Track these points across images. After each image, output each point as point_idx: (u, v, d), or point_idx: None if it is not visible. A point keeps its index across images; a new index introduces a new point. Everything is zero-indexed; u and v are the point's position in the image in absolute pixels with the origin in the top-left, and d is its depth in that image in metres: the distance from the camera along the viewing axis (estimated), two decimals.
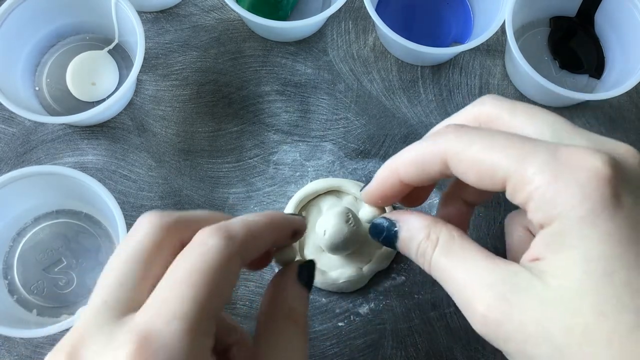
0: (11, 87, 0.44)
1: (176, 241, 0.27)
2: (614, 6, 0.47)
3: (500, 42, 0.49)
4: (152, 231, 0.27)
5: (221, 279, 0.25)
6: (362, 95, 0.48)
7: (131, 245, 0.27)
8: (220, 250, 0.26)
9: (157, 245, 0.27)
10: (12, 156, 0.46)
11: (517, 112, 0.28)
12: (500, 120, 0.28)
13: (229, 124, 0.47)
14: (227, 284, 0.26)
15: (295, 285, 0.30)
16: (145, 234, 0.27)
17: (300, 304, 0.30)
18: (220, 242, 0.26)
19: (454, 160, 0.27)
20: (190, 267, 0.25)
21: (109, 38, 0.48)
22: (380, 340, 0.43)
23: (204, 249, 0.26)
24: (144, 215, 0.28)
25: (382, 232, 0.31)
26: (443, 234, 0.28)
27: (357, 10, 0.50)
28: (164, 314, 0.24)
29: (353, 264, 0.43)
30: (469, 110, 0.30)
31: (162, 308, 0.24)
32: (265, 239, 0.29)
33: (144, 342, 0.23)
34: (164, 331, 0.23)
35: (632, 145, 0.46)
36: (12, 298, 0.43)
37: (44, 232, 0.45)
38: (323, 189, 0.45)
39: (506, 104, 0.29)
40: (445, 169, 0.28)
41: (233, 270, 0.26)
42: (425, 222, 0.29)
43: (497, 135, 0.26)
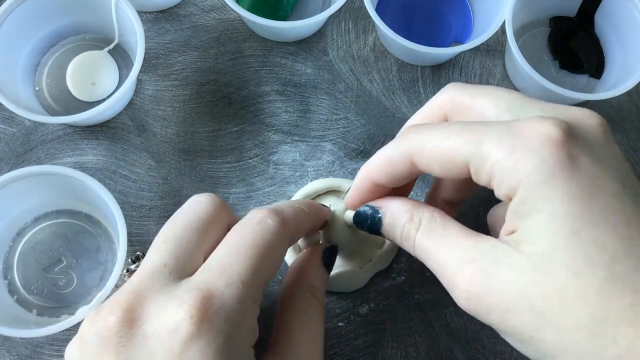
0: (11, 87, 0.44)
1: (226, 221, 0.30)
2: (614, 6, 0.47)
3: (500, 42, 0.49)
4: (210, 206, 0.30)
5: (274, 256, 0.28)
6: (362, 95, 0.48)
7: (190, 216, 0.29)
8: (277, 231, 0.28)
9: (213, 219, 0.29)
10: (12, 156, 0.46)
11: (477, 94, 0.29)
12: (463, 105, 0.30)
13: (229, 124, 0.47)
14: (276, 261, 0.28)
15: (319, 266, 0.33)
16: (204, 208, 0.29)
17: (320, 283, 0.33)
18: (277, 224, 0.28)
19: (417, 156, 0.28)
20: (252, 241, 0.27)
21: (109, 38, 0.48)
22: (380, 340, 0.43)
23: (264, 226, 0.28)
24: (199, 195, 0.31)
25: (367, 219, 0.32)
26: (425, 215, 0.29)
27: (357, 10, 0.50)
28: (227, 277, 0.26)
29: (353, 264, 0.43)
30: (433, 101, 0.31)
31: (225, 271, 0.26)
32: (307, 226, 0.32)
33: (205, 301, 0.25)
34: (226, 293, 0.25)
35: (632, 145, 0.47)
36: (12, 298, 0.43)
37: (44, 232, 0.45)
38: (323, 189, 0.45)
39: (467, 88, 0.30)
40: (413, 167, 0.29)
41: (282, 251, 0.29)
42: (407, 205, 0.30)
43: (453, 125, 0.28)
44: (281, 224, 0.29)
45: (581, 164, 0.25)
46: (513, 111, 0.28)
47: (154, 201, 0.46)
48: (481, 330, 0.44)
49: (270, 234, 0.28)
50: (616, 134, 0.48)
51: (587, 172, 0.25)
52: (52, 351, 0.42)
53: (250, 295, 0.26)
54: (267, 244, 0.28)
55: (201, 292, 0.25)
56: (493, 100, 0.28)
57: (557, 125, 0.25)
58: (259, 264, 0.27)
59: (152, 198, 0.46)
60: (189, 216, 0.29)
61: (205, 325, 0.24)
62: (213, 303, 0.25)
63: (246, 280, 0.26)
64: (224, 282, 0.26)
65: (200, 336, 0.24)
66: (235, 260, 0.27)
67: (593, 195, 0.24)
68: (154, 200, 0.46)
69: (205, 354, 0.24)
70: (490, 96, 0.29)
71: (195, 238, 0.28)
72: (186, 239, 0.28)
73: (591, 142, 0.26)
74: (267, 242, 0.28)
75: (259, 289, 0.27)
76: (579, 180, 0.24)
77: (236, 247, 0.27)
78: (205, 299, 0.25)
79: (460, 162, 0.27)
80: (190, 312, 0.24)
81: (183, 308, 0.24)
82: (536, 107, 0.28)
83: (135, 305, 0.25)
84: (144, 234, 0.45)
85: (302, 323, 0.30)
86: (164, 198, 0.46)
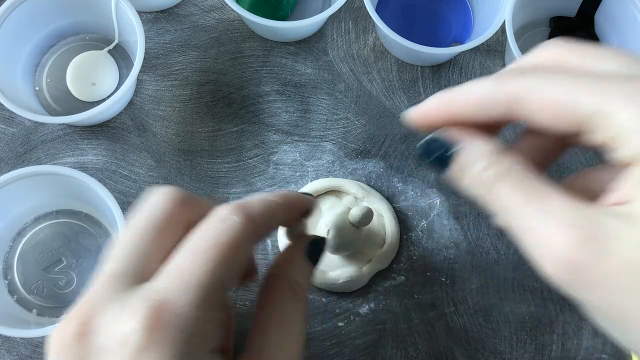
0: (11, 87, 0.44)
1: (187, 217, 0.27)
2: (614, 6, 0.47)
3: (500, 42, 0.49)
4: (166, 204, 0.27)
5: (237, 256, 0.26)
6: (362, 95, 0.48)
7: (145, 217, 0.27)
8: (241, 229, 0.26)
9: (170, 218, 0.27)
10: (12, 156, 0.46)
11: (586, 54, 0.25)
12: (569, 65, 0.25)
13: (229, 124, 0.47)
14: (241, 261, 0.26)
15: (302, 260, 0.31)
16: (159, 207, 0.27)
17: (303, 278, 0.30)
18: (241, 222, 0.26)
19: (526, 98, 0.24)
20: (211, 241, 0.25)
21: (109, 38, 0.48)
22: (380, 340, 0.43)
23: (226, 225, 0.26)
24: (156, 188, 0.28)
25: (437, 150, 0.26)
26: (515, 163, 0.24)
27: (357, 10, 0.50)
28: (182, 284, 0.24)
29: (353, 264, 0.43)
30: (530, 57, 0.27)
31: (180, 277, 0.24)
32: (279, 219, 0.30)
33: (159, 310, 0.23)
34: (182, 300, 0.24)
35: None
36: (12, 298, 0.43)
37: (44, 232, 0.45)
38: (323, 189, 0.45)
39: (574, 45, 0.26)
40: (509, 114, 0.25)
41: (248, 250, 0.27)
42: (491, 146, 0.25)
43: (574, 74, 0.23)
44: (248, 221, 0.26)
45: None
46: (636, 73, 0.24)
47: None
48: (481, 330, 0.44)
49: (234, 233, 0.26)
50: None
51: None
52: None
53: (210, 300, 0.24)
54: (230, 244, 0.25)
55: (155, 301, 0.23)
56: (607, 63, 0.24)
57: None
58: (221, 266, 0.25)
59: None
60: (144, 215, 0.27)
61: (158, 335, 0.23)
62: (167, 311, 0.23)
63: (205, 285, 0.24)
64: (180, 288, 0.24)
65: (151, 348, 0.23)
66: (195, 263, 0.25)
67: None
68: None
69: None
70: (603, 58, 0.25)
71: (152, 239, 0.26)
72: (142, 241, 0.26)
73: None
74: (230, 242, 0.26)
75: (221, 292, 0.25)
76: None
77: (196, 249, 0.25)
78: (159, 308, 0.23)
79: (579, 115, 0.23)
80: (141, 323, 0.23)
81: (134, 318, 0.23)
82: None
83: (89, 316, 0.24)
84: None
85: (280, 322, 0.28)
86: None
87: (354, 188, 0.44)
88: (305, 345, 0.30)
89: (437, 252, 0.45)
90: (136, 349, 0.23)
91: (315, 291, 0.44)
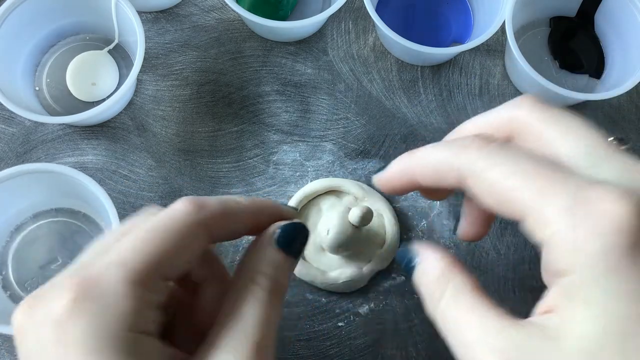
0: (11, 87, 0.44)
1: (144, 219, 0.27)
2: (614, 6, 0.47)
3: (500, 42, 0.49)
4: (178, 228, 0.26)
5: (179, 241, 0.25)
6: (362, 95, 0.48)
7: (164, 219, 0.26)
8: (185, 215, 0.26)
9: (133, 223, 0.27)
10: (12, 156, 0.46)
11: (552, 122, 0.26)
12: (534, 130, 0.26)
13: (229, 124, 0.47)
14: (185, 249, 0.26)
15: (267, 247, 0.28)
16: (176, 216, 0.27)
17: (269, 267, 0.28)
18: (187, 209, 0.26)
19: (471, 179, 0.25)
20: (150, 226, 0.26)
21: (109, 38, 0.48)
22: (380, 340, 0.43)
23: (170, 212, 0.26)
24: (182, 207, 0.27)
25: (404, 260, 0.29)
26: (456, 281, 0.26)
27: (357, 10, 0.50)
28: (108, 261, 0.25)
29: (353, 264, 0.43)
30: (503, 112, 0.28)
31: (109, 255, 0.25)
32: (242, 220, 0.28)
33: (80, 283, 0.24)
34: (102, 275, 0.24)
35: (632, 145, 0.46)
36: (5, 294, 0.43)
37: (41, 230, 0.45)
38: (323, 189, 0.45)
39: (542, 112, 0.27)
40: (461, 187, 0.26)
41: (195, 238, 0.26)
42: (442, 263, 0.27)
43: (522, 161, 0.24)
44: (195, 208, 0.26)
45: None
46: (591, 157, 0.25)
47: (154, 201, 0.46)
48: None
49: (175, 218, 0.26)
50: (616, 134, 0.48)
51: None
52: None
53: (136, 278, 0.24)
54: (168, 228, 0.25)
55: (78, 276, 0.24)
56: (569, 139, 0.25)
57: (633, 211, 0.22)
58: (153, 248, 0.25)
59: (152, 198, 0.46)
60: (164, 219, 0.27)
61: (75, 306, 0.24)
62: (87, 284, 0.24)
63: (129, 263, 0.24)
64: (105, 264, 0.25)
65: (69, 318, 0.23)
66: (125, 243, 0.25)
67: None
68: (154, 200, 0.46)
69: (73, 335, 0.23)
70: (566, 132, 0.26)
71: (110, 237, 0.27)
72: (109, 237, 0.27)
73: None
74: (168, 226, 0.25)
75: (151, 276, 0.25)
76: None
77: (132, 233, 0.26)
78: (81, 281, 0.24)
79: (517, 210, 0.24)
80: (64, 296, 0.24)
81: (61, 292, 0.24)
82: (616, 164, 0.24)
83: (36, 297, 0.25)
84: None
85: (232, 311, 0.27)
86: (164, 198, 0.46)
87: (354, 188, 0.44)
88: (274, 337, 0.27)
89: None
90: (59, 319, 0.24)
91: (315, 291, 0.44)
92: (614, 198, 0.22)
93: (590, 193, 0.23)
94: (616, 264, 0.22)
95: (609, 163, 0.24)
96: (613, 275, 0.22)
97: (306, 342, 0.43)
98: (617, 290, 0.22)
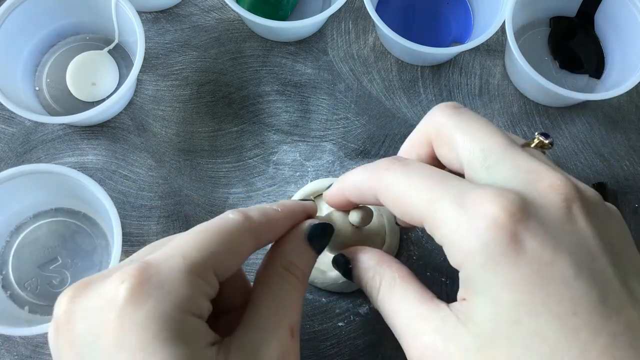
0: (11, 87, 0.44)
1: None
2: (614, 6, 0.47)
3: (500, 42, 0.49)
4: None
5: (230, 243, 0.28)
6: (362, 95, 0.48)
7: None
8: (236, 223, 0.28)
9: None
10: (12, 156, 0.46)
11: (457, 129, 0.29)
12: (446, 135, 0.29)
13: (229, 124, 0.47)
14: (235, 251, 0.28)
15: (300, 241, 0.32)
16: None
17: (300, 259, 0.31)
18: (238, 217, 0.29)
19: (381, 195, 0.29)
20: (206, 227, 0.28)
21: (109, 38, 0.48)
22: (380, 340, 0.43)
23: (223, 218, 0.29)
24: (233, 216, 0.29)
25: (340, 266, 0.33)
26: (386, 276, 0.30)
27: (357, 10, 0.50)
28: (167, 253, 0.26)
29: None
30: (419, 127, 0.31)
31: (168, 249, 0.27)
32: (280, 225, 0.31)
33: (142, 270, 0.25)
34: (163, 264, 0.26)
35: (632, 145, 0.46)
36: (5, 293, 0.43)
37: (41, 230, 0.45)
38: (323, 189, 0.45)
39: (452, 116, 0.29)
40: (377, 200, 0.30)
41: (244, 243, 0.29)
42: (372, 262, 0.31)
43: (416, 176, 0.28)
44: (243, 218, 0.29)
45: (527, 249, 0.24)
46: (486, 161, 0.27)
47: (154, 201, 0.46)
48: None
49: (229, 224, 0.28)
50: (616, 134, 0.48)
51: (533, 258, 0.24)
52: None
53: (193, 269, 0.26)
54: (221, 230, 0.28)
55: (139, 263, 0.26)
56: (469, 143, 0.28)
57: (505, 208, 0.25)
58: (208, 245, 0.27)
59: (152, 198, 0.46)
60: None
61: (137, 290, 0.25)
62: (148, 271, 0.25)
63: (188, 256, 0.26)
64: (165, 255, 0.26)
65: (131, 302, 0.24)
66: (182, 239, 0.27)
67: (537, 283, 0.24)
68: (154, 200, 0.46)
69: (137, 319, 0.24)
70: (469, 136, 0.28)
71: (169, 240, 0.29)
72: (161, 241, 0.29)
73: (548, 222, 0.25)
74: (221, 228, 0.28)
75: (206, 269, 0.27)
76: (523, 267, 0.24)
77: (188, 233, 0.28)
78: (142, 268, 0.25)
79: (417, 217, 0.27)
80: (128, 281, 0.25)
81: (120, 278, 0.25)
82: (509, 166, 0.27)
83: (82, 286, 0.26)
84: (144, 234, 0.45)
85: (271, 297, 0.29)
86: (164, 198, 0.46)
87: None
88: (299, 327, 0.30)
89: (437, 252, 0.45)
90: (121, 304, 0.24)
91: (315, 291, 0.44)
92: (488, 199, 0.25)
93: (469, 196, 0.26)
94: (495, 259, 0.24)
95: (502, 165, 0.27)
96: (493, 269, 0.24)
97: (306, 342, 0.43)
98: (500, 281, 0.24)
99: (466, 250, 0.25)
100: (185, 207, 0.45)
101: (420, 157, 0.32)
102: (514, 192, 0.25)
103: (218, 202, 0.46)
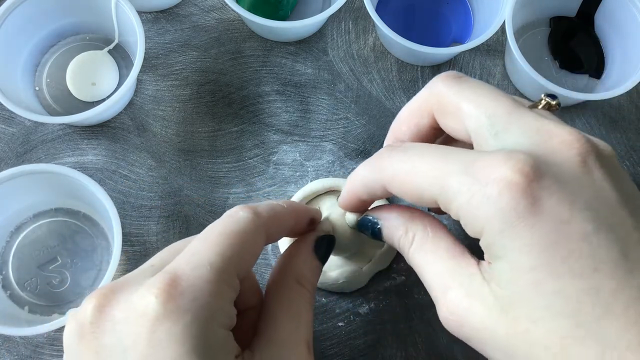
0: (11, 87, 0.44)
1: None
2: (614, 6, 0.47)
3: (500, 42, 0.49)
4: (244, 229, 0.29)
5: (246, 244, 0.28)
6: (362, 95, 0.48)
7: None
8: (248, 220, 0.28)
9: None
10: (12, 156, 0.46)
11: (462, 96, 0.28)
12: (448, 105, 0.29)
13: (229, 124, 0.47)
14: (251, 250, 0.28)
15: (309, 254, 0.32)
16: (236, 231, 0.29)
17: (309, 271, 0.32)
18: (248, 215, 0.29)
19: (389, 186, 0.29)
20: (222, 230, 0.28)
21: (109, 38, 0.48)
22: (380, 340, 0.43)
23: (235, 217, 0.29)
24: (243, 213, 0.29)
25: (369, 228, 0.33)
26: (419, 230, 0.30)
27: (357, 10, 0.50)
28: (194, 261, 0.26)
29: (353, 264, 0.43)
30: (420, 95, 0.31)
31: (193, 256, 0.27)
32: (287, 222, 0.31)
33: (172, 282, 0.25)
34: (192, 275, 0.26)
35: (632, 145, 0.46)
36: (5, 293, 0.43)
37: (41, 230, 0.45)
38: (323, 189, 0.45)
39: (454, 85, 0.29)
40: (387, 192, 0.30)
41: (257, 241, 0.29)
42: (403, 218, 0.31)
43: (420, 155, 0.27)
44: (253, 214, 0.29)
45: (545, 208, 0.24)
46: (493, 127, 0.27)
47: (154, 201, 0.46)
48: None
49: (240, 223, 0.28)
50: (616, 134, 0.48)
51: (550, 216, 0.24)
52: (52, 351, 0.42)
53: (221, 277, 0.26)
54: (237, 231, 0.28)
55: (168, 275, 0.25)
56: (475, 110, 0.27)
57: (518, 169, 0.24)
58: (229, 249, 0.27)
59: (152, 198, 0.46)
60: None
61: (172, 305, 0.24)
62: (179, 284, 0.25)
63: (214, 263, 0.26)
64: (191, 265, 0.26)
65: (167, 316, 0.24)
66: (204, 246, 0.27)
67: (556, 242, 0.23)
68: (154, 200, 0.46)
69: (172, 333, 0.24)
70: (474, 103, 0.27)
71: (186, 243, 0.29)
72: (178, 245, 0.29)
73: (564, 178, 0.24)
74: (236, 230, 0.28)
75: (231, 274, 0.27)
76: (540, 228, 0.24)
77: (205, 236, 0.28)
78: (172, 281, 0.25)
79: (429, 199, 0.27)
80: (157, 295, 0.24)
81: (150, 291, 0.25)
82: (517, 129, 0.26)
83: (109, 295, 0.26)
84: (144, 234, 0.45)
85: (287, 308, 0.30)
86: (164, 198, 0.46)
87: None
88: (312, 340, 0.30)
89: None
90: (153, 318, 0.24)
91: (315, 291, 0.44)
92: (498, 163, 0.24)
93: (478, 164, 0.25)
94: (511, 223, 0.24)
95: (510, 129, 0.26)
96: (511, 233, 0.24)
97: None
98: (518, 245, 0.24)
99: (482, 219, 0.25)
100: (185, 207, 0.45)
101: (419, 127, 0.31)
102: (523, 152, 0.25)
103: (218, 202, 0.46)
